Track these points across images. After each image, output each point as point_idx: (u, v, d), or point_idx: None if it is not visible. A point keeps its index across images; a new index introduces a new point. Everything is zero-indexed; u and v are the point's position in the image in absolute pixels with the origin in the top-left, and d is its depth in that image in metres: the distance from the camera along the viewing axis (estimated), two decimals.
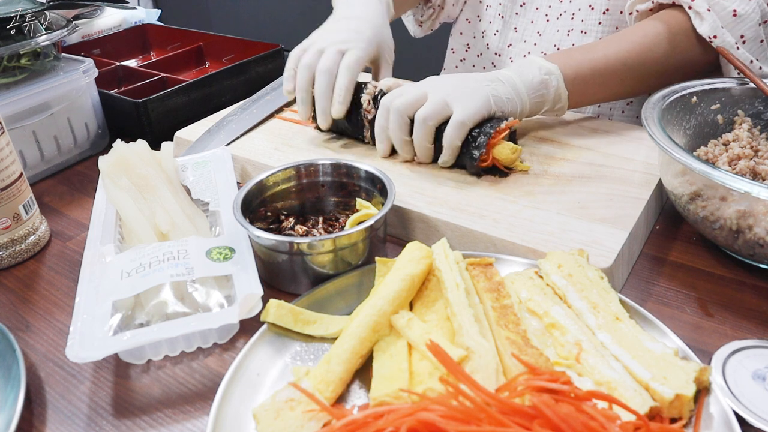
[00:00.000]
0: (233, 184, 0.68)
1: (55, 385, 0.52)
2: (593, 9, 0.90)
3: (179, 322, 0.50)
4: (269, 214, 0.65)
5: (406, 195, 0.67)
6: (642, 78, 0.76)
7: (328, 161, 0.66)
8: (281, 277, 0.59)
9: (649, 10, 0.80)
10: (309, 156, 0.78)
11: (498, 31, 1.04)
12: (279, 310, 0.51)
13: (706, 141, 0.68)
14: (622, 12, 0.88)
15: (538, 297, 0.51)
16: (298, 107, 0.79)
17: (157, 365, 0.53)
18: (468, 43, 1.10)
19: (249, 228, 0.56)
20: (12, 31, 0.78)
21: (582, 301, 0.50)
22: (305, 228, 0.64)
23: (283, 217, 0.66)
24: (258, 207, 0.64)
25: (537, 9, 0.98)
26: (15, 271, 0.67)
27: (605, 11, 0.89)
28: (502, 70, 0.74)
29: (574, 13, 0.93)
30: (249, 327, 0.54)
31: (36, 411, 0.50)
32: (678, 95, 0.67)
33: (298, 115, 0.79)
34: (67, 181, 0.85)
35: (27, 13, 0.79)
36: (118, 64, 1.11)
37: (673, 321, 0.54)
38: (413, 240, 0.61)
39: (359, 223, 0.57)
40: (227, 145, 0.81)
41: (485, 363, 0.44)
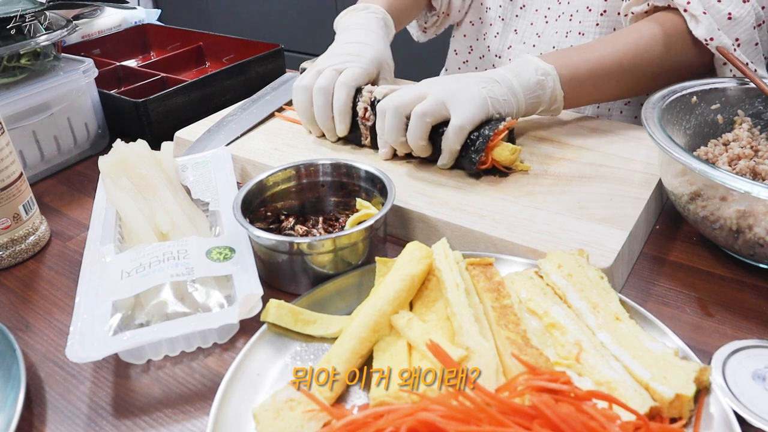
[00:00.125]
0: (233, 184, 0.68)
1: (55, 385, 0.52)
2: (590, 11, 0.90)
3: (179, 322, 0.50)
4: (269, 214, 0.65)
5: (406, 195, 0.67)
6: (637, 79, 0.76)
7: (328, 161, 0.66)
8: (281, 277, 0.59)
9: (644, 12, 0.80)
10: (309, 156, 0.78)
11: (498, 33, 1.04)
12: (279, 310, 0.51)
13: (706, 141, 0.68)
14: (619, 14, 0.88)
15: (538, 297, 0.51)
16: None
17: (157, 365, 0.53)
18: (471, 45, 1.10)
19: (249, 228, 0.56)
20: (12, 31, 0.78)
21: (582, 301, 0.50)
22: (305, 228, 0.64)
23: (283, 217, 0.66)
24: (258, 207, 0.64)
25: (536, 11, 0.98)
26: (15, 271, 0.67)
27: (602, 13, 0.89)
28: (498, 69, 0.73)
29: (572, 15, 0.93)
30: (249, 327, 0.54)
31: (36, 411, 0.50)
32: (678, 95, 0.67)
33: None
34: (67, 181, 0.85)
35: (27, 13, 0.79)
36: (118, 64, 1.11)
37: (673, 321, 0.54)
38: (413, 240, 0.61)
39: (359, 223, 0.57)
40: (227, 145, 0.81)
41: (485, 363, 0.44)
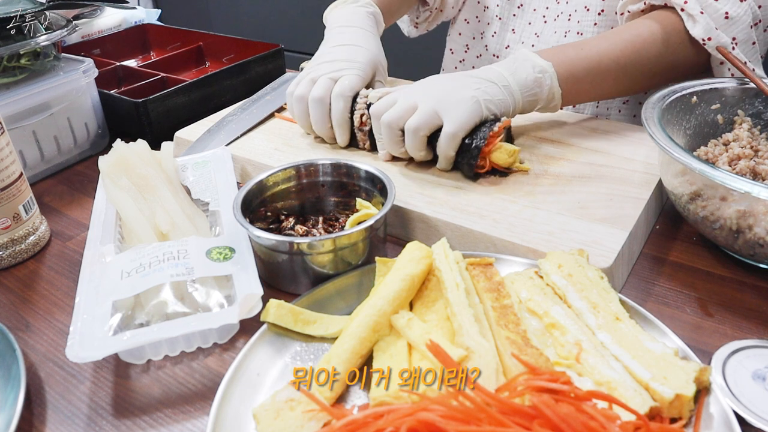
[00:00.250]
0: (233, 184, 0.68)
1: (55, 385, 0.52)
2: (588, 10, 0.90)
3: (179, 322, 0.50)
4: (269, 214, 0.65)
5: (406, 195, 0.67)
6: (634, 77, 0.76)
7: (328, 161, 0.66)
8: (281, 277, 0.59)
9: (641, 11, 0.79)
10: (309, 156, 0.78)
11: (496, 33, 1.04)
12: (279, 310, 0.51)
13: (706, 141, 0.68)
14: (617, 13, 0.88)
15: (538, 297, 0.51)
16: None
17: (157, 365, 0.53)
18: (467, 44, 1.10)
19: (249, 228, 0.56)
20: (12, 31, 0.78)
21: (582, 301, 0.50)
22: (305, 228, 0.64)
23: (283, 217, 0.66)
24: (258, 207, 0.64)
25: (534, 11, 0.98)
26: (15, 271, 0.67)
27: (600, 12, 0.89)
28: (494, 66, 0.72)
29: (570, 15, 0.93)
30: (249, 327, 0.54)
31: (36, 411, 0.50)
32: (678, 95, 0.67)
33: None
34: (67, 181, 0.85)
35: (27, 13, 0.79)
36: (118, 64, 1.11)
37: (673, 321, 0.54)
38: (413, 240, 0.61)
39: (359, 223, 0.57)
40: (227, 145, 0.81)
41: (485, 363, 0.44)
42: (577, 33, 0.92)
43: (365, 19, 0.85)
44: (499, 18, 1.02)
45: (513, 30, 1.01)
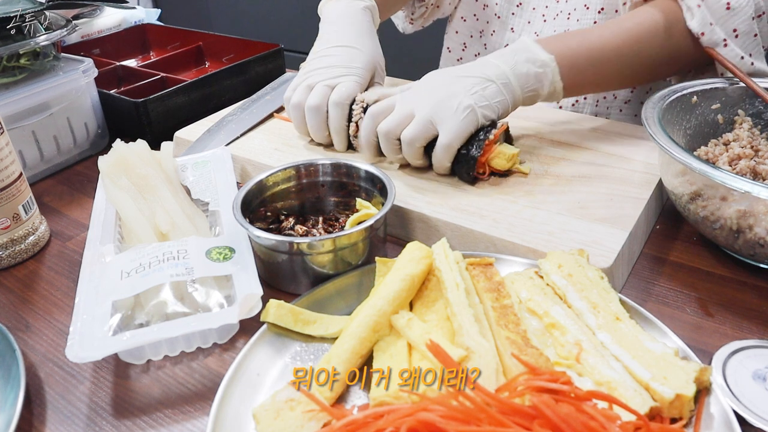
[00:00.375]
0: (233, 184, 0.68)
1: (55, 385, 0.52)
2: (588, 9, 0.90)
3: (179, 322, 0.50)
4: (269, 214, 0.65)
5: (406, 195, 0.67)
6: (637, 67, 0.75)
7: (328, 161, 0.66)
8: (281, 277, 0.59)
9: (644, 1, 0.79)
10: (309, 156, 0.78)
11: (495, 31, 1.04)
12: (279, 310, 0.51)
13: (706, 141, 0.68)
14: (617, 11, 0.88)
15: (538, 297, 0.51)
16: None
17: (157, 365, 0.53)
18: (465, 43, 1.10)
19: (249, 228, 0.56)
20: (12, 31, 0.78)
21: (582, 301, 0.50)
22: (305, 228, 0.64)
23: (283, 217, 0.66)
24: (258, 207, 0.64)
25: (534, 9, 0.98)
26: (15, 272, 0.67)
27: (600, 10, 0.89)
28: (494, 59, 0.71)
29: (570, 13, 0.92)
30: (249, 327, 0.54)
31: (36, 411, 0.50)
32: (678, 95, 0.67)
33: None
34: (67, 181, 0.85)
35: (27, 13, 0.79)
36: (117, 63, 1.11)
37: (674, 321, 0.54)
38: (413, 240, 0.61)
39: (359, 223, 0.57)
40: (227, 145, 0.81)
41: (485, 363, 0.44)
42: None
43: (361, 16, 0.83)
44: (498, 17, 1.02)
45: (512, 29, 1.01)
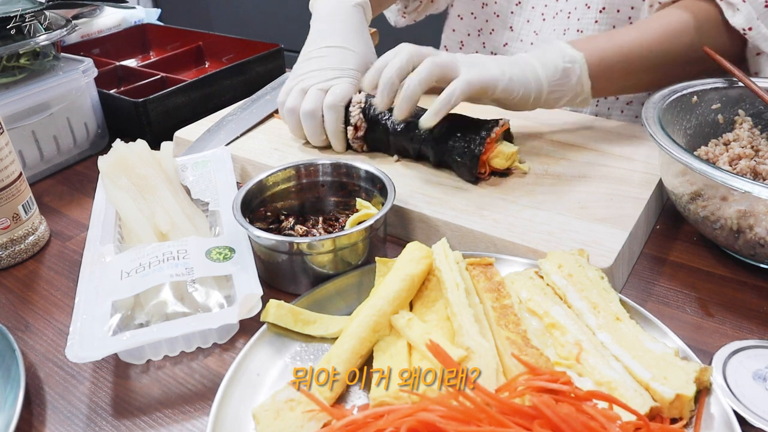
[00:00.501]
0: (233, 184, 0.68)
1: (55, 386, 0.52)
2: (589, 8, 0.90)
3: (179, 322, 0.50)
4: (269, 214, 0.65)
5: (406, 195, 0.67)
6: (666, 67, 0.74)
7: (328, 161, 0.66)
8: (281, 277, 0.59)
9: (673, 1, 0.78)
10: (309, 156, 0.78)
11: (494, 30, 1.04)
12: (279, 310, 0.51)
13: (706, 141, 0.68)
14: (619, 11, 0.88)
15: (538, 297, 0.51)
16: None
17: (157, 365, 0.53)
18: (462, 41, 1.10)
19: (249, 228, 0.56)
20: (12, 31, 0.78)
21: (582, 301, 0.50)
22: (305, 228, 0.64)
23: (283, 217, 0.66)
24: (258, 207, 0.64)
25: (533, 8, 0.98)
26: (14, 272, 0.66)
27: (601, 10, 0.89)
28: (523, 54, 0.71)
29: (570, 13, 0.92)
30: (249, 327, 0.54)
31: (35, 411, 0.50)
32: (678, 95, 0.67)
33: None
34: (67, 181, 0.85)
35: (27, 13, 0.79)
36: (117, 63, 1.11)
37: (674, 321, 0.54)
38: (413, 240, 0.61)
39: (359, 223, 0.57)
40: (227, 145, 0.81)
41: (485, 363, 0.44)
42: (577, 30, 0.92)
43: (353, 14, 0.82)
44: (497, 15, 1.02)
45: (511, 27, 1.01)
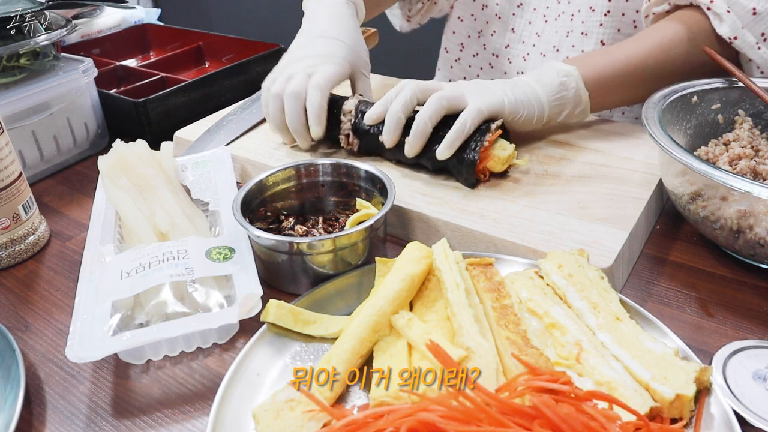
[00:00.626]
0: (233, 184, 0.68)
1: (55, 386, 0.52)
2: (594, 11, 0.90)
3: (179, 322, 0.50)
4: (269, 214, 0.65)
5: (406, 195, 0.67)
6: (663, 78, 0.74)
7: (328, 161, 0.66)
8: (281, 277, 0.59)
9: (666, 12, 0.79)
10: (309, 156, 0.77)
11: (495, 32, 1.03)
12: (279, 310, 0.51)
13: (706, 141, 0.68)
14: (624, 14, 0.88)
15: (538, 297, 0.51)
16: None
17: (157, 365, 0.53)
18: (462, 43, 1.10)
19: (249, 228, 0.56)
20: (12, 31, 0.78)
21: (582, 301, 0.50)
22: (305, 228, 0.64)
23: (283, 217, 0.66)
24: (258, 207, 0.64)
25: (534, 10, 0.98)
26: (14, 271, 0.66)
27: (606, 13, 0.89)
28: (519, 76, 0.74)
29: (573, 15, 0.92)
30: (249, 327, 0.54)
31: (35, 411, 0.50)
32: (678, 95, 0.67)
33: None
34: (67, 181, 0.85)
35: (27, 13, 0.79)
36: (117, 63, 1.11)
37: (674, 321, 0.54)
38: (413, 240, 0.61)
39: (359, 223, 0.57)
40: (227, 145, 0.81)
41: (485, 363, 0.44)
42: (581, 33, 0.92)
43: (344, 8, 0.83)
44: (499, 17, 1.02)
45: (513, 29, 1.01)
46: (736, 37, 0.72)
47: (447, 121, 0.67)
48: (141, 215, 0.62)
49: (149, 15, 1.34)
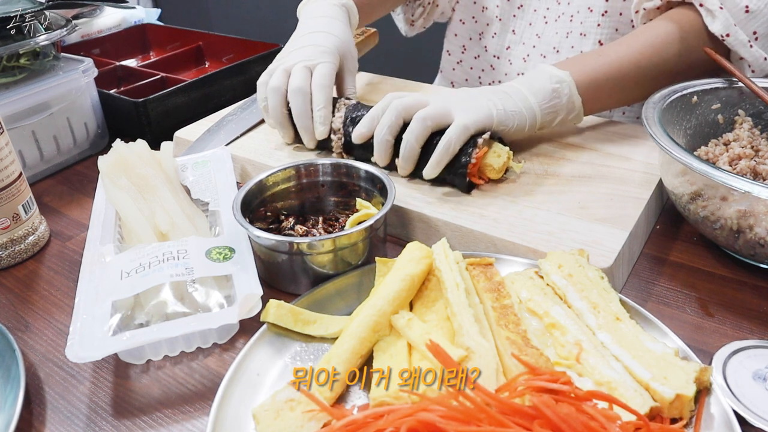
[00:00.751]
0: (233, 184, 0.68)
1: (55, 386, 0.52)
2: (592, 11, 0.90)
3: (179, 322, 0.50)
4: (269, 214, 0.65)
5: (406, 195, 0.67)
6: (656, 79, 0.74)
7: (328, 161, 0.66)
8: (281, 277, 0.59)
9: (657, 8, 0.78)
10: (309, 156, 0.77)
11: (496, 34, 1.03)
12: (279, 310, 0.51)
13: (706, 141, 0.68)
14: (621, 14, 0.88)
15: (538, 297, 0.51)
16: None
17: (157, 365, 0.53)
18: (464, 45, 1.10)
19: (249, 228, 0.56)
20: (12, 31, 0.78)
21: (582, 301, 0.50)
22: (305, 228, 0.64)
23: (283, 217, 0.66)
24: (258, 207, 0.64)
25: (535, 11, 0.98)
26: (14, 271, 0.66)
27: (604, 13, 0.89)
28: (511, 81, 0.72)
29: (572, 16, 0.92)
30: (249, 327, 0.54)
31: (35, 411, 0.50)
32: (678, 95, 0.67)
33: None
34: (67, 181, 0.85)
35: (27, 13, 0.79)
36: (117, 63, 1.11)
37: (674, 321, 0.54)
38: (413, 240, 0.61)
39: (359, 223, 0.57)
40: (227, 145, 0.81)
41: (485, 363, 0.44)
42: (580, 34, 0.92)
43: (336, 11, 0.84)
44: (499, 19, 1.02)
45: (513, 31, 1.01)
46: (728, 35, 0.71)
47: (437, 136, 0.66)
48: (141, 215, 0.62)
49: (149, 15, 1.34)
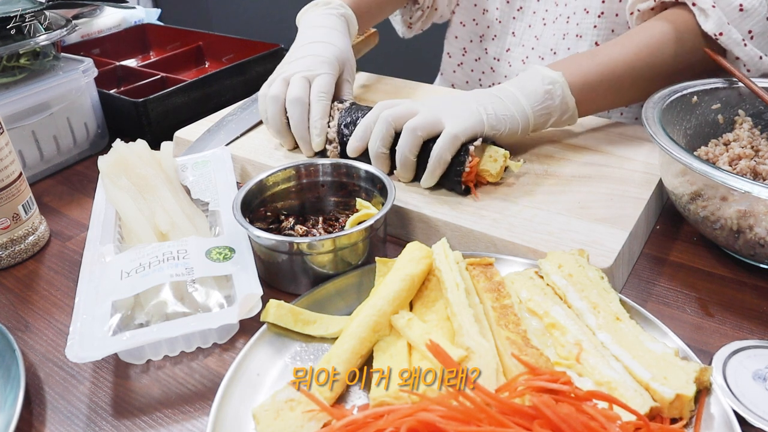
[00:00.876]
0: (233, 184, 0.68)
1: (55, 386, 0.52)
2: (588, 12, 0.90)
3: (179, 322, 0.50)
4: (269, 214, 0.65)
5: (406, 195, 0.67)
6: (652, 80, 0.74)
7: (328, 161, 0.66)
8: (281, 277, 0.59)
9: (651, 9, 0.78)
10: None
11: (496, 36, 1.04)
12: (279, 310, 0.51)
13: (706, 141, 0.68)
14: (617, 15, 0.88)
15: (538, 297, 0.51)
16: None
17: (157, 365, 0.53)
18: (464, 47, 1.10)
19: (249, 228, 0.56)
20: (12, 31, 0.78)
21: (582, 301, 0.50)
22: (305, 228, 0.64)
23: (283, 217, 0.66)
24: (258, 207, 0.64)
25: (534, 13, 0.98)
26: (14, 271, 0.66)
27: (600, 14, 0.89)
28: (503, 84, 0.71)
29: (569, 17, 0.92)
30: (249, 327, 0.54)
31: (35, 411, 0.50)
32: (678, 95, 0.67)
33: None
34: (67, 181, 0.85)
35: (27, 13, 0.79)
36: (117, 63, 1.11)
37: (674, 321, 0.54)
38: (413, 240, 0.61)
39: (359, 223, 0.57)
40: (227, 145, 0.81)
41: (485, 363, 0.44)
42: (576, 36, 0.92)
43: (335, 20, 0.84)
44: (499, 21, 1.02)
45: (513, 33, 1.01)
46: (721, 33, 0.71)
47: (431, 142, 0.65)
48: (141, 215, 0.62)
49: (149, 15, 1.34)
